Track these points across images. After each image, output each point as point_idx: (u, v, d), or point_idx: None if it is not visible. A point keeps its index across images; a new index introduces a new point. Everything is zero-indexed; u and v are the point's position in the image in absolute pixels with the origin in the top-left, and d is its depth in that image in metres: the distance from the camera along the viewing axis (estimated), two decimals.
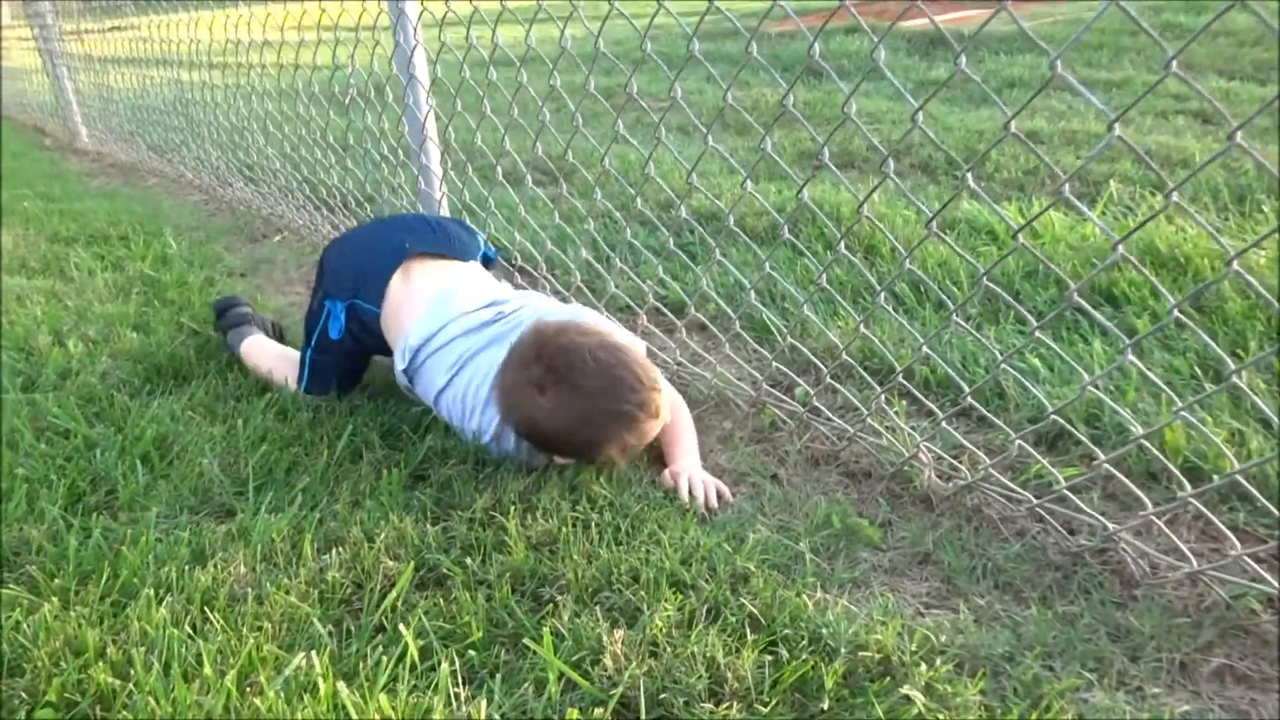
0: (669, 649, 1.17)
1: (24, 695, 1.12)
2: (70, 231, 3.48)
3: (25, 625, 1.22)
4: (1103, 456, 1.28)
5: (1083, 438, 1.39)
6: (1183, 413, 1.17)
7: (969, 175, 1.20)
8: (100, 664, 1.14)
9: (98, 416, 1.88)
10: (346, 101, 2.87)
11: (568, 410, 1.47)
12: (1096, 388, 1.30)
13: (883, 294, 1.46)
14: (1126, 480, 1.34)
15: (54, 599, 1.28)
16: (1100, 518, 1.33)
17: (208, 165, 4.23)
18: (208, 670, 1.13)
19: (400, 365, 1.75)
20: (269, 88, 3.46)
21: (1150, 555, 1.30)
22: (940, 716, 1.05)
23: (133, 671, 1.14)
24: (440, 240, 1.94)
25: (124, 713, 1.08)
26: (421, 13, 2.31)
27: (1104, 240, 2.33)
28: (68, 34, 5.79)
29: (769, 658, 1.15)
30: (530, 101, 2.05)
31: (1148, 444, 1.27)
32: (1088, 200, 2.76)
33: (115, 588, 1.31)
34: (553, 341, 1.50)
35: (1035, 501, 1.39)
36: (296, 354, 2.00)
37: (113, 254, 3.14)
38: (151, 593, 1.28)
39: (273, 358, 2.06)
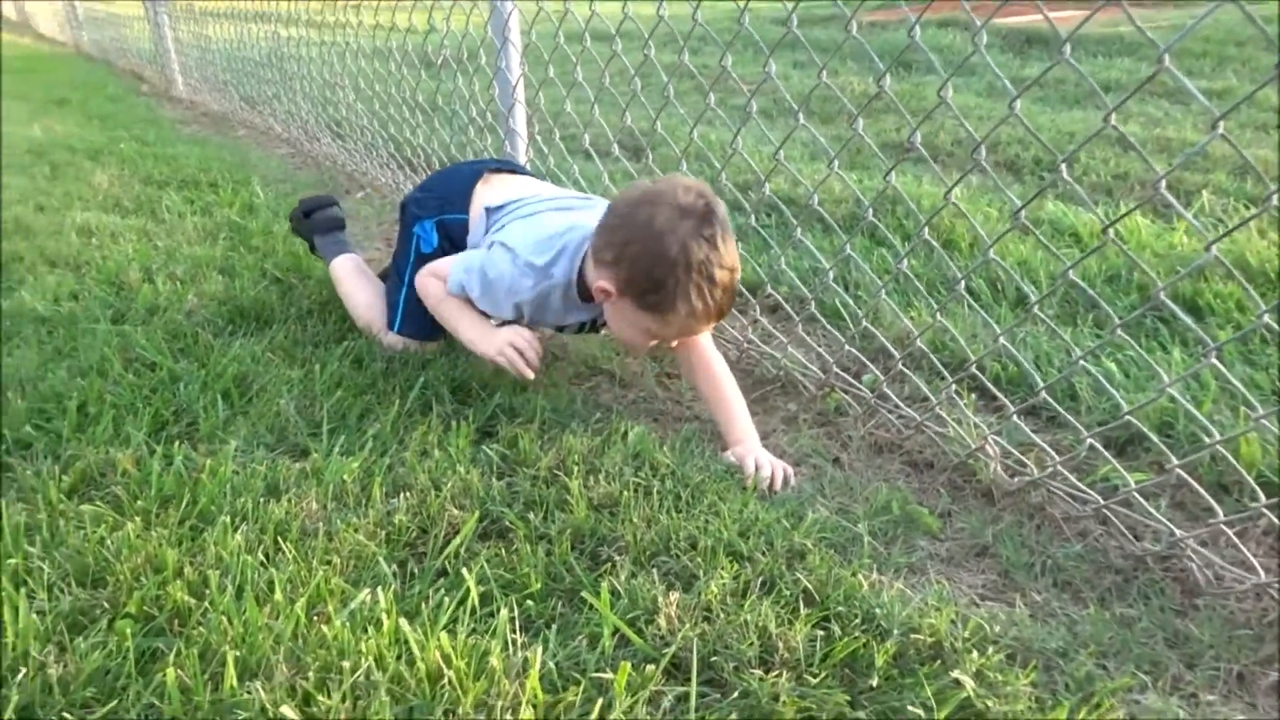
0: (722, 615, 1.18)
1: (106, 605, 1.18)
2: (163, 175, 3.60)
3: (109, 541, 1.28)
4: (1175, 460, 1.26)
5: (1157, 442, 1.37)
6: (1263, 421, 1.14)
7: (1063, 167, 1.18)
8: (178, 582, 1.20)
9: (182, 352, 1.95)
10: (439, 63, 2.92)
11: (695, 245, 1.50)
12: (1174, 394, 1.27)
13: (963, 283, 1.45)
14: (1199, 488, 1.32)
15: (136, 519, 1.34)
16: (1168, 523, 1.31)
17: (297, 119, 4.33)
18: (278, 596, 1.18)
19: (491, 204, 1.88)
20: (363, 46, 3.52)
21: (1216, 565, 1.28)
22: (989, 703, 1.05)
23: (208, 592, 1.19)
24: (513, 164, 2.08)
25: (198, 629, 1.13)
26: None
27: (1190, 249, 2.27)
28: None
29: (821, 632, 1.16)
30: (620, 73, 2.07)
31: (1224, 451, 1.24)
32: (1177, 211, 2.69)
33: (194, 513, 1.37)
34: (714, 196, 1.56)
35: (1102, 502, 1.37)
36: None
37: (202, 199, 3.24)
38: (228, 520, 1.33)
39: (368, 295, 2.09)
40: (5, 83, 6.30)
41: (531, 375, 1.71)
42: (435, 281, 1.84)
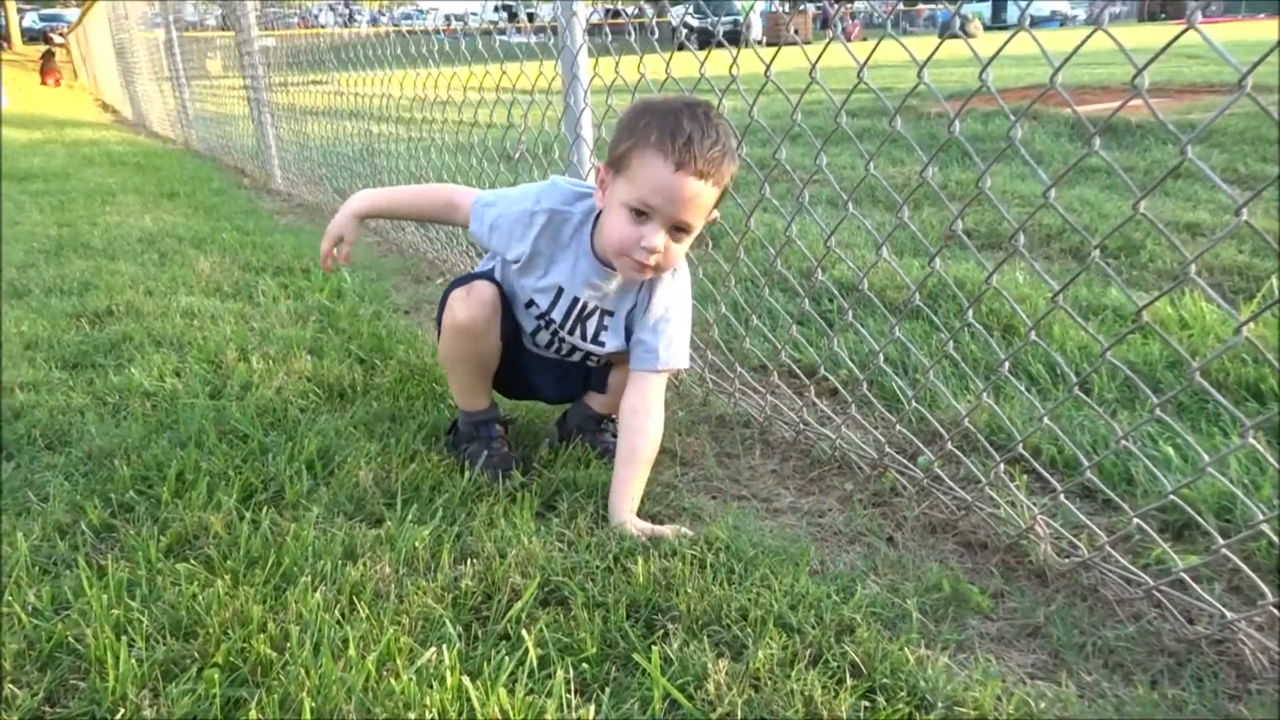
0: (769, 684, 1.22)
1: (196, 655, 1.28)
2: (260, 262, 3.83)
3: (200, 597, 1.39)
4: (1221, 541, 1.27)
5: (1203, 522, 1.38)
6: None
7: (1095, 252, 1.24)
8: (261, 636, 1.29)
9: (272, 425, 2.08)
10: (515, 157, 3.10)
11: (665, 104, 1.58)
12: (1226, 477, 1.29)
13: (1007, 364, 1.49)
14: (1253, 574, 1.32)
15: (226, 578, 1.45)
16: (1219, 605, 1.31)
17: None
18: (352, 652, 1.26)
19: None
20: (447, 141, 3.74)
21: (1271, 649, 1.28)
22: None
23: (288, 646, 1.28)
24: None
25: (279, 679, 1.21)
26: (592, 78, 2.49)
27: (1255, 333, 2.27)
28: (275, 85, 6.37)
29: (865, 703, 1.20)
30: None
31: (1269, 532, 1.25)
32: (1245, 295, 2.68)
33: (278, 574, 1.47)
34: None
35: (1152, 584, 1.38)
36: None
37: (295, 284, 3.44)
38: (308, 581, 1.43)
39: None
40: (123, 177, 6.78)
41: (326, 261, 1.99)
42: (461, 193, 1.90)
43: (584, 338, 1.83)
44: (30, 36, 41.86)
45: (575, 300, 1.79)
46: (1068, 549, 1.54)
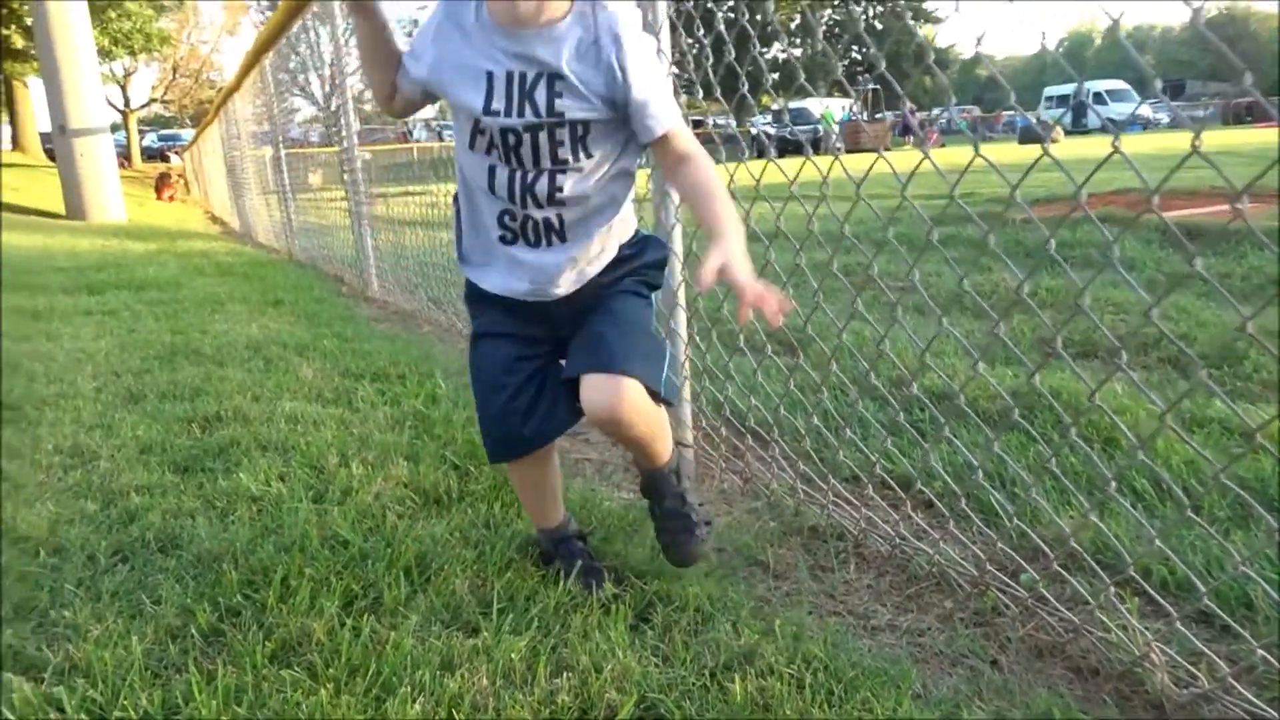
0: None
1: None
2: (359, 368, 3.97)
3: (304, 705, 1.41)
4: None
5: None
6: None
7: (1203, 373, 1.22)
8: None
9: (371, 531, 2.13)
10: None
11: None
12: None
13: (1114, 483, 1.46)
14: None
15: (328, 685, 1.47)
16: None
17: None
18: None
19: None
20: None
21: None
22: None
23: None
24: None
25: None
26: None
27: None
28: (374, 196, 6.69)
29: None
30: (774, 276, 2.23)
31: None
32: None
33: (378, 683, 1.49)
34: None
35: None
36: None
37: (391, 390, 3.56)
38: (408, 691, 1.45)
39: None
40: (231, 286, 7.13)
41: None
42: None
43: (536, 113, 1.58)
44: (149, 155, 44.82)
45: (509, 75, 1.59)
46: (1186, 679, 1.47)
